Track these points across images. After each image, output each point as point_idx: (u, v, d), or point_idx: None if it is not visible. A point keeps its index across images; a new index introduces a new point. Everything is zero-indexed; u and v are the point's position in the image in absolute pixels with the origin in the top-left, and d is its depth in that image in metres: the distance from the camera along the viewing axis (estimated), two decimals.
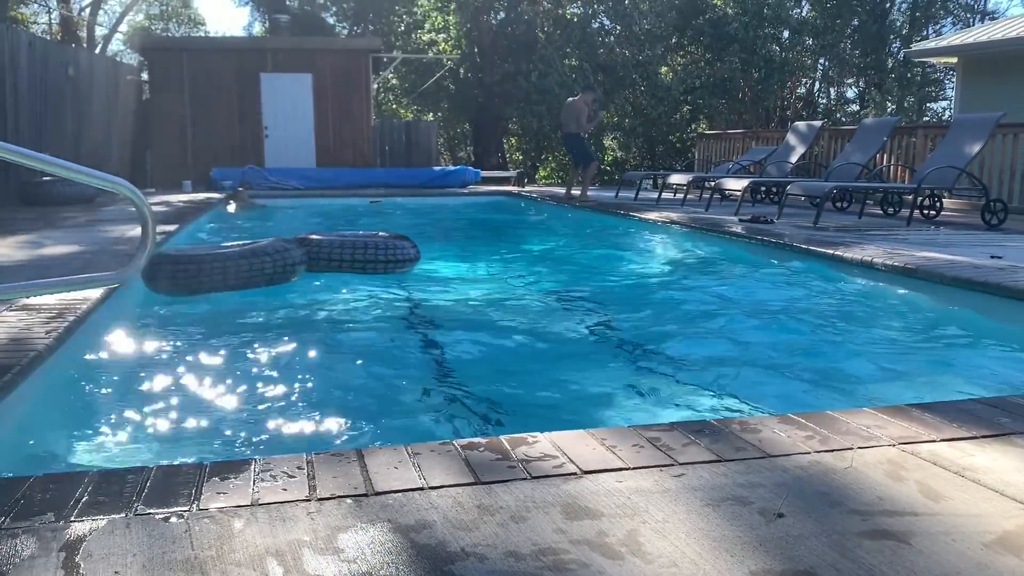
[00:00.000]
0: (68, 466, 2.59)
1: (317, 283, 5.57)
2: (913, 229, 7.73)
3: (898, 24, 25.94)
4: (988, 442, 2.16)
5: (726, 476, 1.92)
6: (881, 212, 9.63)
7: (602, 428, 2.26)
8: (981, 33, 14.91)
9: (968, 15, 27.17)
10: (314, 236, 5.63)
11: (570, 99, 12.29)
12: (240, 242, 5.57)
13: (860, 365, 3.90)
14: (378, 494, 1.81)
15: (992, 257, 5.55)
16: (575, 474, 1.93)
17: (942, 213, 9.15)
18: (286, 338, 4.31)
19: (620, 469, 1.95)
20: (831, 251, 5.90)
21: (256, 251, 4.99)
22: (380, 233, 6.00)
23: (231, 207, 11.60)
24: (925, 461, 2.02)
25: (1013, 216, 8.51)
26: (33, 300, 3.84)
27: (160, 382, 3.52)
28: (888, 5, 25.34)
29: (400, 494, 1.81)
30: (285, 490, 1.83)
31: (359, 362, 3.98)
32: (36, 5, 28.42)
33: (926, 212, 9.02)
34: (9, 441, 2.63)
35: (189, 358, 3.92)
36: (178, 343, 4.20)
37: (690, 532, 1.64)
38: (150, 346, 4.11)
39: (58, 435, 2.85)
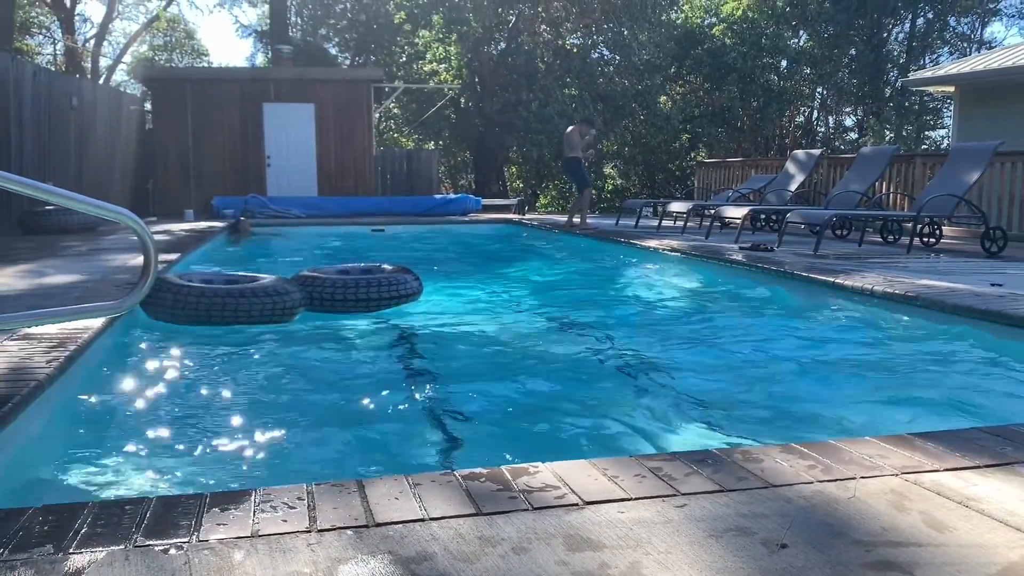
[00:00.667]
0: (67, 497, 2.57)
1: (317, 314, 5.57)
2: (913, 257, 7.74)
3: (895, 54, 26.17)
4: (992, 471, 2.15)
5: (728, 506, 1.91)
6: (881, 240, 9.66)
7: (604, 458, 2.25)
8: (978, 63, 15.04)
9: (965, 44, 27.43)
10: (314, 274, 5.55)
11: (569, 129, 12.40)
12: (242, 273, 5.58)
13: (862, 393, 3.89)
14: (379, 525, 1.80)
15: (992, 285, 5.55)
16: (577, 505, 1.92)
17: (942, 241, 9.18)
18: (286, 368, 4.31)
19: (622, 500, 1.94)
20: (832, 279, 5.90)
21: (256, 291, 4.98)
22: (383, 265, 5.94)
23: (231, 236, 11.63)
24: (928, 491, 2.01)
25: (1013, 244, 8.53)
26: (34, 329, 3.84)
27: (160, 412, 3.52)
28: (885, 35, 25.59)
29: (401, 525, 1.80)
30: (285, 521, 1.82)
31: (359, 392, 3.97)
32: (41, 36, 28.76)
33: (926, 240, 9.04)
34: (8, 471, 2.62)
35: (190, 388, 3.91)
36: (179, 373, 4.19)
37: (693, 563, 1.63)
38: (151, 376, 4.10)
39: (58, 465, 2.84)
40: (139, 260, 5.28)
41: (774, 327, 5.51)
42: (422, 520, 1.82)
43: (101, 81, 24.73)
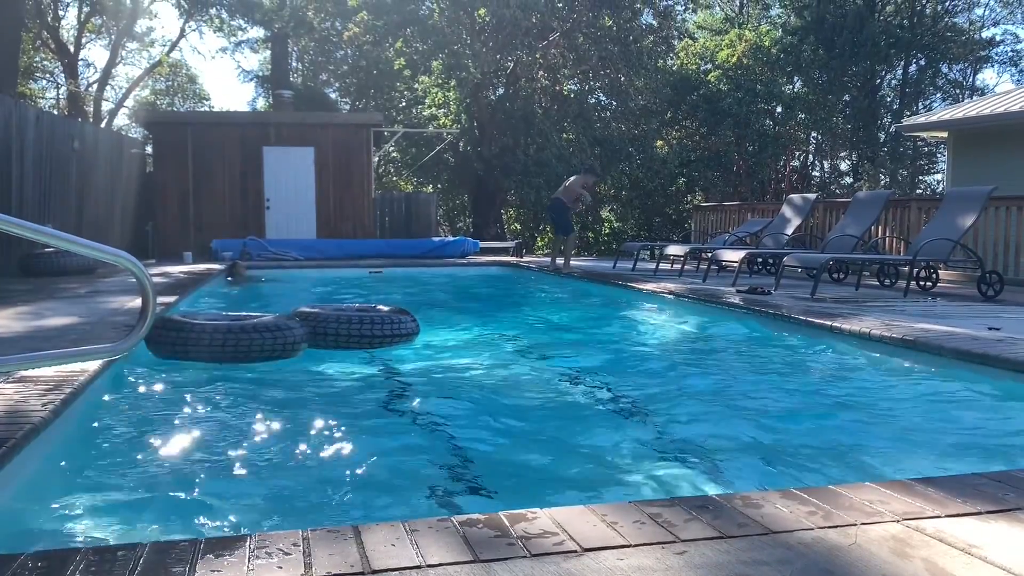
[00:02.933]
0: (61, 542, 2.54)
1: (316, 355, 5.56)
2: (910, 300, 7.76)
3: (889, 100, 26.56)
4: (994, 518, 2.13)
5: (729, 553, 1.89)
6: (878, 283, 9.69)
7: (603, 504, 2.23)
8: (971, 108, 15.24)
9: (957, 91, 27.86)
10: (315, 311, 5.68)
11: (573, 177, 12.49)
12: (244, 314, 5.63)
13: (859, 438, 3.86)
14: (375, 572, 1.77)
15: (990, 328, 5.56)
16: (575, 552, 1.89)
17: (938, 284, 9.20)
18: (283, 411, 4.28)
19: (621, 547, 1.92)
20: (829, 322, 5.90)
21: (258, 327, 5.03)
22: (380, 307, 6.06)
23: (228, 278, 11.65)
24: (931, 538, 1.99)
25: (1009, 287, 8.56)
26: (31, 372, 3.82)
27: (156, 455, 3.49)
28: (878, 82, 25.98)
29: (397, 572, 1.78)
30: (280, 568, 1.79)
31: (355, 436, 3.95)
32: (45, 81, 29.12)
33: (922, 283, 9.07)
34: (1, 516, 2.59)
35: (186, 431, 3.89)
36: (175, 416, 4.16)
37: None
38: (146, 419, 4.08)
39: (51, 510, 2.81)
40: (137, 302, 5.26)
41: (771, 371, 5.50)
42: (419, 567, 1.80)
43: (103, 125, 24.97)
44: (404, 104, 25.48)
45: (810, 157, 27.48)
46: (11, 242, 10.65)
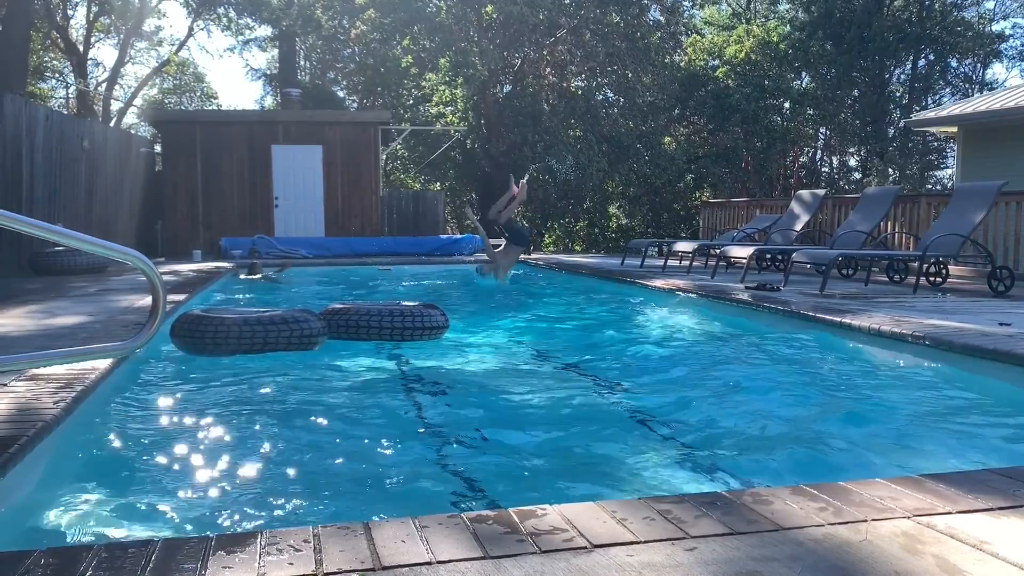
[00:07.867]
0: (73, 539, 2.56)
1: (329, 351, 5.58)
2: (920, 296, 7.73)
3: (898, 95, 26.40)
4: (1005, 514, 2.13)
5: (739, 550, 1.89)
6: (887, 279, 9.65)
7: (612, 500, 2.23)
8: (980, 103, 15.14)
9: (966, 86, 27.68)
10: (347, 307, 5.88)
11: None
12: (264, 308, 5.76)
13: (870, 434, 3.85)
14: (385, 568, 1.78)
15: (1001, 324, 5.53)
16: (585, 548, 1.90)
17: (948, 280, 9.16)
18: (296, 409, 4.29)
19: (631, 543, 1.92)
20: (838, 319, 5.88)
21: (275, 319, 5.17)
22: (402, 302, 6.20)
23: (243, 275, 11.68)
24: (942, 534, 1.99)
25: (1020, 283, 8.51)
26: (42, 370, 3.84)
27: (168, 452, 3.50)
28: (887, 76, 25.84)
29: (407, 569, 1.78)
30: (291, 564, 1.80)
31: (364, 431, 3.96)
32: (54, 80, 29.22)
33: (932, 279, 9.03)
34: (14, 513, 2.61)
35: (198, 428, 3.90)
36: (187, 413, 4.18)
37: None
38: (158, 416, 4.09)
39: (64, 507, 2.82)
40: (147, 301, 5.27)
41: (781, 367, 5.48)
42: (429, 563, 1.80)
43: (112, 124, 25.05)
44: (411, 102, 25.49)
45: (819, 153, 27.38)
46: (21, 240, 10.71)
